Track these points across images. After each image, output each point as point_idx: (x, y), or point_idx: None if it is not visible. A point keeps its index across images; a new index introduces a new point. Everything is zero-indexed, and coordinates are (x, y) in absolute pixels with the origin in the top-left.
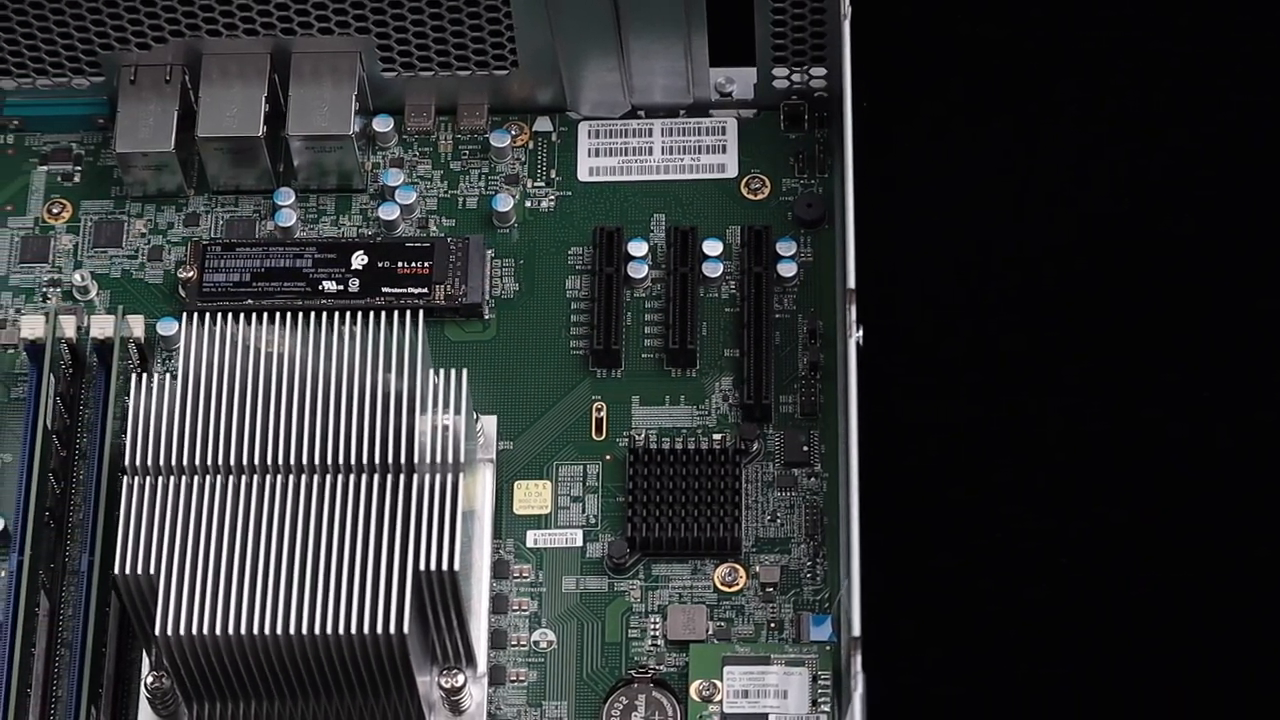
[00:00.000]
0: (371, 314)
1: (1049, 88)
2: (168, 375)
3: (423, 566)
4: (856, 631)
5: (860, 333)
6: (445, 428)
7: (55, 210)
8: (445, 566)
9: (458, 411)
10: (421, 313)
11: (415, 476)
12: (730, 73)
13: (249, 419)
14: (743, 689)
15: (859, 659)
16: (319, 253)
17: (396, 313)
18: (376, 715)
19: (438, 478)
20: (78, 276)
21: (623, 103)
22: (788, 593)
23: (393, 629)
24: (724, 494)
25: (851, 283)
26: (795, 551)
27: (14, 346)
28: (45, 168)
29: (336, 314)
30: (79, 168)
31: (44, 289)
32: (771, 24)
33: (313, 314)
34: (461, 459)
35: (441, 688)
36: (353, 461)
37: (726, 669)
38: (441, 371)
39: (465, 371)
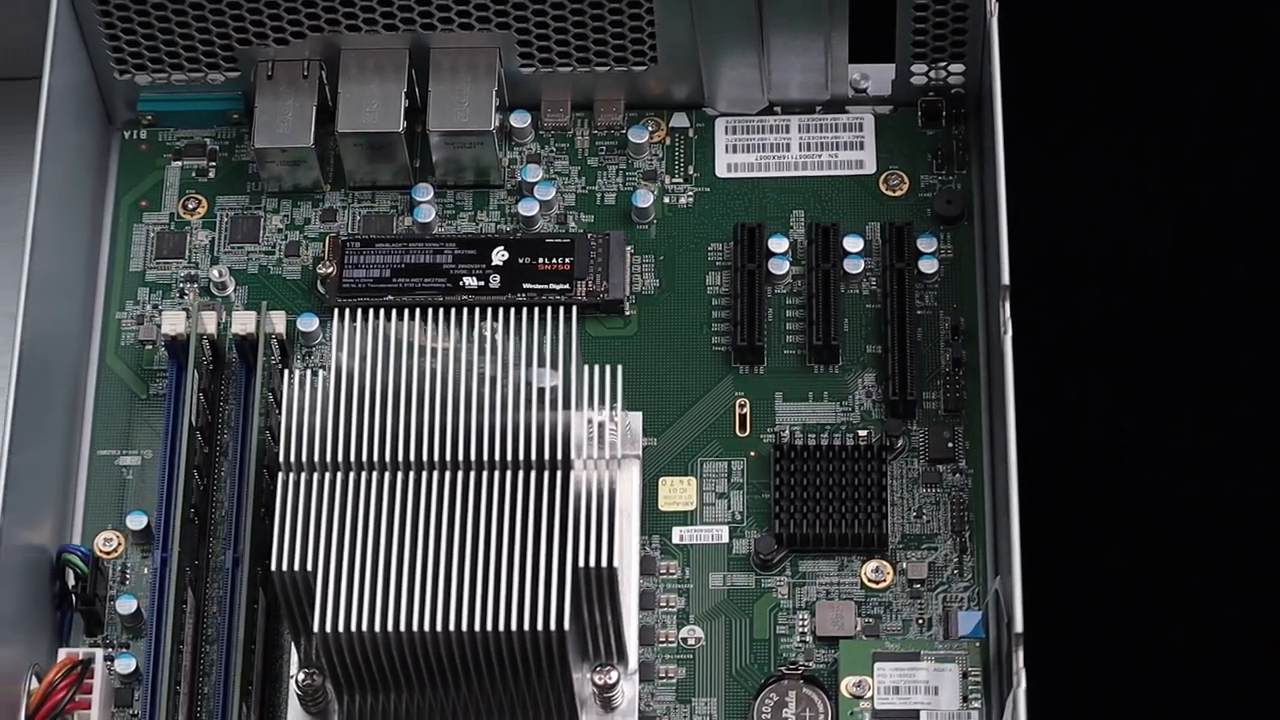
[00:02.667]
0: (524, 311)
1: (1186, 85)
2: (320, 371)
3: (582, 563)
4: (1019, 628)
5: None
6: (600, 423)
7: (190, 206)
8: (605, 563)
9: (613, 407)
10: (575, 309)
11: (572, 472)
12: (865, 69)
13: (403, 415)
14: (893, 685)
15: (1021, 655)
16: (459, 248)
17: (549, 309)
18: (529, 705)
19: (594, 473)
20: (215, 272)
21: (760, 99)
22: (935, 589)
23: (553, 625)
24: (869, 490)
25: (1006, 279)
26: (942, 547)
27: (153, 342)
28: (179, 163)
29: (488, 309)
30: (213, 163)
31: (180, 284)
32: (913, 21)
33: (455, 310)
34: (619, 454)
35: (595, 684)
36: (508, 458)
37: (877, 665)
38: (595, 368)
39: (620, 368)
